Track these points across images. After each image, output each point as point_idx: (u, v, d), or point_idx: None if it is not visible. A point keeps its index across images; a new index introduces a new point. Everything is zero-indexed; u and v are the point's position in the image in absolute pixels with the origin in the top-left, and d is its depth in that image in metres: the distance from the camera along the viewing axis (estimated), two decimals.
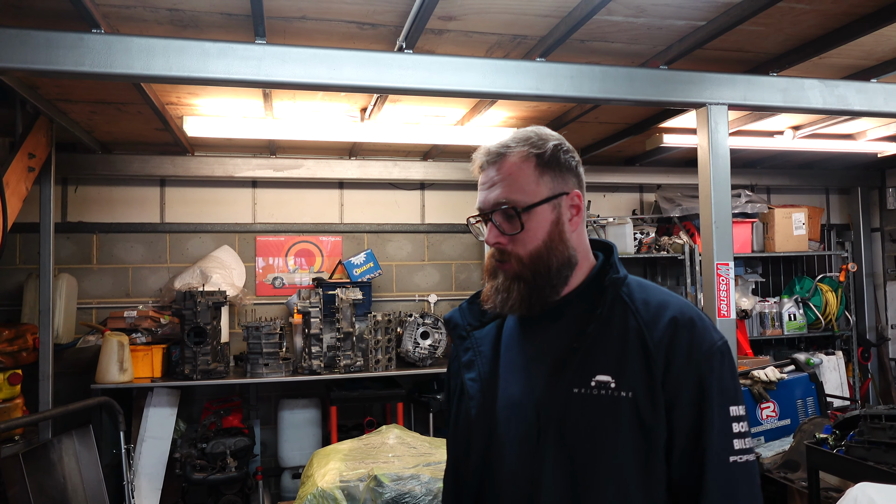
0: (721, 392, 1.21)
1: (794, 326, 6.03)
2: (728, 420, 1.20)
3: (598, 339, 1.26)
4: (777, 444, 3.98)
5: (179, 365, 4.53)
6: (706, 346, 1.22)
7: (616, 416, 1.21)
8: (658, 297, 1.29)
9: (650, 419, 1.20)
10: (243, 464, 4.55)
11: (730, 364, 1.24)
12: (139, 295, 5.14)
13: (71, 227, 5.07)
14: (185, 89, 3.69)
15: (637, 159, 5.87)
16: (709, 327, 1.25)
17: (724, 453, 1.19)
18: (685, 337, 1.22)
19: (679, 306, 1.27)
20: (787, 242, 5.92)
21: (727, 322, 3.45)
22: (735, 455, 1.19)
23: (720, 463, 1.18)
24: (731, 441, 1.19)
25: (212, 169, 5.11)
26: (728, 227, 3.45)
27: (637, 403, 1.20)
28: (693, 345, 1.22)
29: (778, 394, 4.10)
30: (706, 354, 1.22)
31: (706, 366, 1.21)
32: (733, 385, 1.23)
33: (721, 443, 1.19)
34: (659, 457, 1.21)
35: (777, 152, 5.72)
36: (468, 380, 1.37)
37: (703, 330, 1.24)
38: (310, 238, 5.51)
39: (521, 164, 1.29)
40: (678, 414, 1.20)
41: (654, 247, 5.76)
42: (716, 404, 1.20)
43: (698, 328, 1.23)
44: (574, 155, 1.34)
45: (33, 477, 3.43)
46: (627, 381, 1.22)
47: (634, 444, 1.20)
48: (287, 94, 3.79)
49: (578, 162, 1.35)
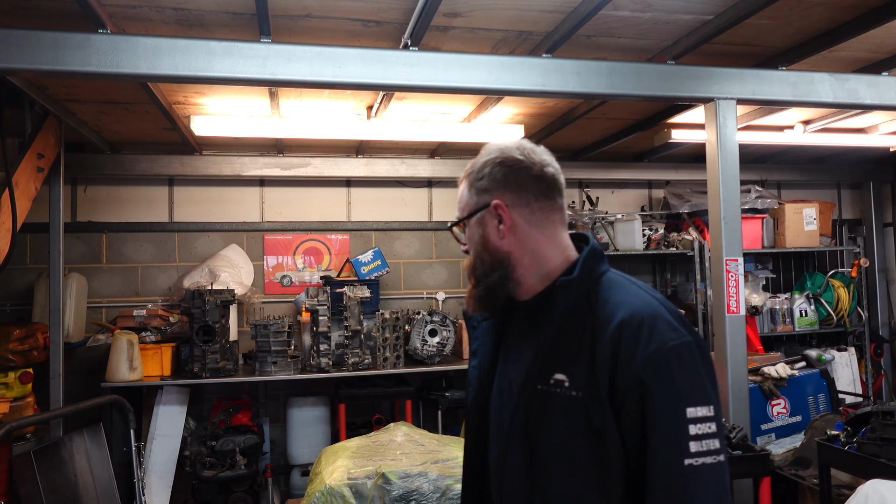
0: (672, 393, 1.19)
1: (806, 323, 5.98)
2: (682, 422, 1.18)
3: (560, 338, 1.31)
4: (788, 440, 3.95)
5: (189, 363, 4.55)
6: (653, 349, 1.21)
7: (568, 414, 1.26)
8: (619, 297, 1.30)
9: (598, 420, 1.23)
10: (253, 461, 4.56)
11: (689, 364, 1.21)
12: (148, 294, 5.17)
13: (81, 226, 5.10)
14: (192, 88, 3.70)
15: (645, 155, 5.84)
16: (662, 328, 1.23)
17: (677, 457, 1.17)
18: (631, 340, 1.22)
19: (633, 308, 1.26)
20: (798, 238, 5.86)
21: (736, 318, 3.42)
22: (691, 458, 1.17)
23: (669, 466, 1.17)
24: (686, 444, 1.17)
25: (219, 168, 5.12)
26: (737, 222, 3.42)
27: (585, 404, 1.24)
28: (638, 348, 1.22)
29: (789, 390, 4.07)
30: (652, 357, 1.21)
31: (650, 368, 1.20)
32: (692, 385, 1.20)
33: (671, 446, 1.18)
34: (613, 457, 1.22)
35: (787, 147, 5.67)
36: (471, 367, 1.51)
37: (652, 332, 1.22)
38: (317, 236, 5.52)
39: (463, 185, 1.46)
40: (626, 418, 1.21)
41: (663, 243, 5.73)
42: (663, 407, 1.19)
43: (646, 330, 1.22)
44: (520, 169, 1.39)
45: (45, 474, 3.46)
46: (577, 381, 1.26)
47: (587, 442, 1.24)
48: (293, 92, 3.79)
49: (519, 172, 1.39)
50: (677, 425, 1.18)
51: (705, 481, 1.17)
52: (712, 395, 1.21)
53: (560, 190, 1.41)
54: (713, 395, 1.22)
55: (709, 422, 1.19)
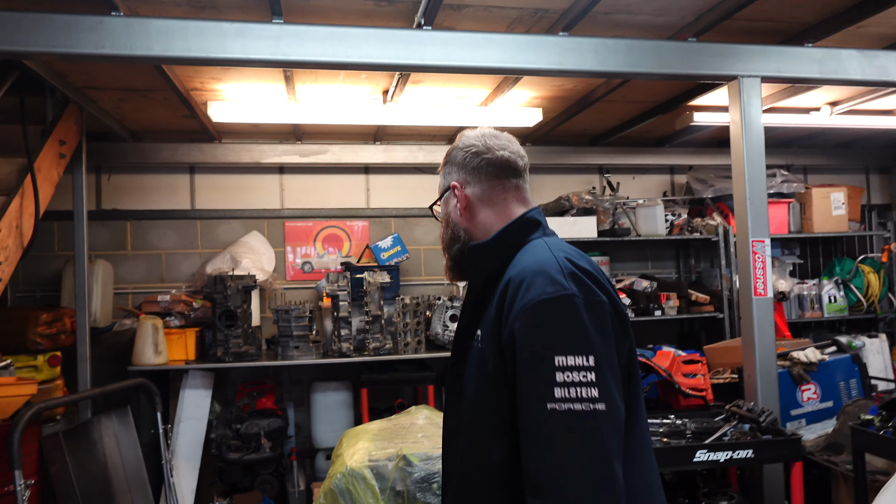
0: (538, 342, 1.28)
1: (835, 309, 5.85)
2: (548, 369, 1.25)
3: (481, 298, 1.49)
4: (819, 426, 3.87)
5: (212, 348, 4.61)
6: (525, 301, 1.31)
7: (476, 366, 1.44)
8: (525, 257, 1.42)
9: (491, 369, 1.38)
10: (277, 444, 4.61)
11: (563, 314, 1.28)
12: (172, 280, 5.23)
13: (106, 214, 5.18)
14: (208, 74, 3.72)
15: (667, 140, 5.75)
16: (541, 283, 1.32)
17: (539, 401, 1.24)
18: (513, 295, 1.35)
19: (524, 265, 1.38)
20: (826, 223, 5.73)
21: (763, 301, 3.36)
22: (555, 403, 1.23)
23: (533, 410, 1.26)
24: (552, 389, 1.24)
25: (239, 156, 5.16)
26: (763, 202, 3.35)
27: (486, 355, 1.41)
28: (516, 301, 1.33)
29: (819, 375, 3.98)
30: (524, 308, 1.31)
31: (521, 319, 1.30)
32: (563, 335, 1.27)
33: (534, 391, 1.26)
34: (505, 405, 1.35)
35: (814, 130, 5.54)
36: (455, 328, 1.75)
37: (531, 286, 1.32)
38: (337, 223, 5.54)
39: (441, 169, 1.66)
40: (509, 367, 1.34)
41: (686, 228, 5.65)
42: (530, 354, 1.28)
43: (525, 285, 1.33)
44: (473, 155, 1.56)
45: (74, 455, 3.53)
46: (484, 335, 1.43)
47: (486, 390, 1.40)
48: (309, 76, 3.79)
49: (472, 157, 1.56)
50: (542, 372, 1.25)
51: (565, 426, 1.22)
52: (597, 347, 1.27)
53: (514, 171, 1.56)
54: (600, 347, 1.27)
55: (584, 371, 1.24)
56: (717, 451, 3.01)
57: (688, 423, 3.28)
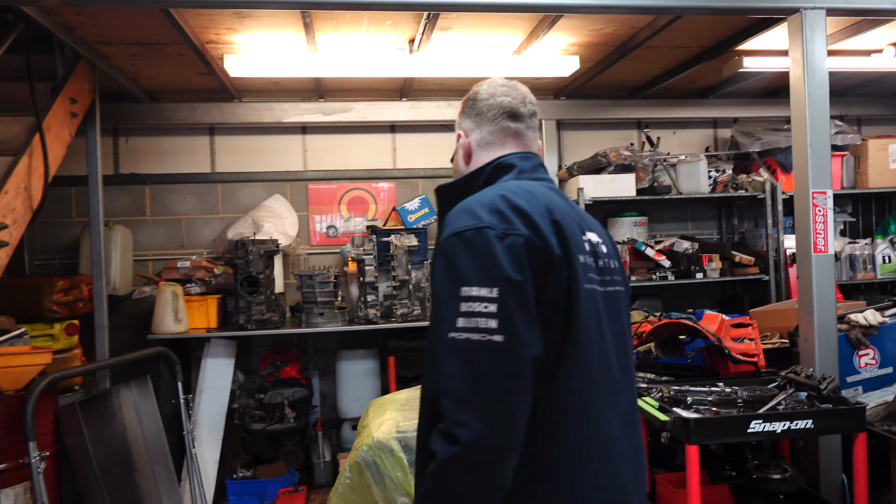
0: (447, 272, 1.32)
1: (889, 270, 5.51)
2: (454, 298, 1.28)
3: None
4: (877, 394, 3.59)
5: (234, 315, 4.46)
6: (445, 234, 1.36)
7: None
8: (470, 198, 1.42)
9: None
10: (302, 414, 4.48)
11: (474, 246, 1.30)
12: (193, 246, 5.08)
13: (124, 179, 5.02)
14: (223, 23, 3.49)
15: (710, 91, 5.39)
16: (462, 217, 1.35)
17: (445, 329, 1.27)
18: (440, 230, 1.42)
19: (462, 204, 1.40)
20: (883, 177, 5.35)
21: (824, 258, 3.08)
22: (456, 332, 1.26)
23: (437, 338, 1.29)
24: (455, 319, 1.26)
25: (259, 115, 4.96)
26: (826, 151, 3.05)
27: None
28: (439, 236, 1.41)
29: (878, 340, 3.67)
30: (442, 241, 1.36)
31: (439, 250, 1.37)
32: (472, 265, 1.29)
33: (441, 319, 1.29)
34: None
35: (871, 76, 5.14)
36: None
37: (453, 220, 1.36)
38: (362, 185, 5.32)
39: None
40: None
41: (731, 185, 5.32)
42: (441, 284, 1.32)
43: (449, 219, 1.38)
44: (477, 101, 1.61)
45: (92, 426, 3.41)
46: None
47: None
48: (330, 23, 3.53)
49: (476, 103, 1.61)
50: (448, 301, 1.29)
51: (461, 353, 1.25)
52: (504, 279, 1.26)
53: (515, 115, 1.57)
54: (508, 279, 1.27)
55: (486, 302, 1.25)
56: (773, 422, 2.76)
57: (738, 390, 3.03)
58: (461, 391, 1.24)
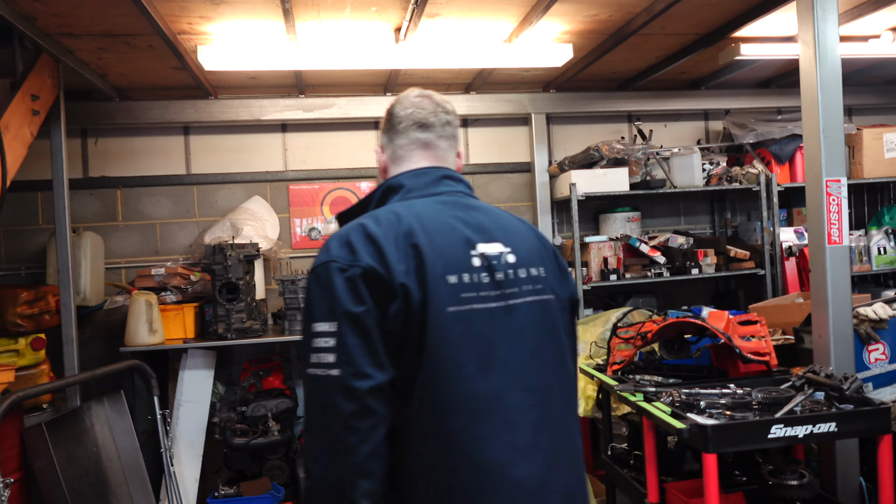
0: (306, 309, 1.34)
1: (885, 261, 5.42)
2: (309, 335, 1.30)
3: None
4: (888, 391, 3.44)
5: (213, 324, 4.21)
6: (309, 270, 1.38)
7: None
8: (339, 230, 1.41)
9: None
10: (287, 427, 4.25)
11: (322, 281, 1.30)
12: (169, 252, 4.82)
13: (93, 182, 4.75)
14: (196, 10, 3.25)
15: (702, 82, 5.26)
16: (321, 251, 1.35)
17: (306, 365, 1.29)
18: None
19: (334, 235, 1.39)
20: (878, 167, 5.26)
21: (839, 250, 2.93)
22: (310, 368, 1.28)
23: (304, 372, 1.31)
24: (309, 355, 1.28)
25: (237, 112, 4.72)
26: (840, 136, 2.90)
27: None
28: None
29: (888, 334, 3.55)
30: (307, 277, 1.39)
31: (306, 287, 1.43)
32: (320, 301, 1.30)
33: (305, 355, 1.31)
34: None
35: (865, 64, 5.03)
36: None
37: (318, 255, 1.36)
38: (347, 185, 5.10)
39: None
40: None
41: (724, 178, 5.18)
42: (303, 320, 1.34)
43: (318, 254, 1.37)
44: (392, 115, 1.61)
45: (61, 447, 3.16)
46: None
47: None
48: (311, 9, 3.31)
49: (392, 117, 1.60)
50: (304, 337, 1.31)
51: (311, 390, 1.28)
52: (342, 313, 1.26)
53: (423, 125, 1.55)
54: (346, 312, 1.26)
55: (327, 336, 1.27)
56: (794, 426, 2.58)
57: (752, 392, 2.86)
58: (311, 425, 1.29)
